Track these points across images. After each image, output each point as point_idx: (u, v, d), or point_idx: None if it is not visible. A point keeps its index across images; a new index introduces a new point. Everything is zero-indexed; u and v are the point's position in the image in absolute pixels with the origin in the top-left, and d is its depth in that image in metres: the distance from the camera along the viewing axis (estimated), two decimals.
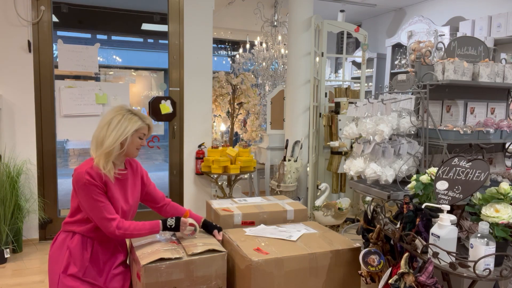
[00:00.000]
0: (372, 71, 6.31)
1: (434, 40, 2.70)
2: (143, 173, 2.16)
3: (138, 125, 1.92)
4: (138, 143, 1.97)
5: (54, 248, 1.94)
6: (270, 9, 5.49)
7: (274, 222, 2.47)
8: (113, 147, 1.86)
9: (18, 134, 3.53)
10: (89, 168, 1.85)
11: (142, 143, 2.00)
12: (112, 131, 1.87)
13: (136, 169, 2.12)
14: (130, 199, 2.03)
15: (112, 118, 1.91)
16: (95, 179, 1.83)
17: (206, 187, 4.18)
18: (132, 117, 1.93)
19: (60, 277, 1.85)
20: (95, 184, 1.83)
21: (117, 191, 1.94)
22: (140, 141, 1.97)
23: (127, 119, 1.91)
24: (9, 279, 2.97)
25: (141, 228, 1.93)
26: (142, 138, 1.99)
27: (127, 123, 1.90)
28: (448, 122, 2.52)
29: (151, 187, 2.18)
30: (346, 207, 3.65)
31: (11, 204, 3.25)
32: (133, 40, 7.12)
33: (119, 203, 1.94)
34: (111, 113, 1.94)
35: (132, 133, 1.91)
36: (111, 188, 1.89)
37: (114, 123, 1.89)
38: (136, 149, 1.98)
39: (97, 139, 1.89)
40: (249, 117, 5.00)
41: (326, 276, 2.04)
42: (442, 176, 1.86)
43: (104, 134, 1.88)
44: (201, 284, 1.91)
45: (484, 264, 1.46)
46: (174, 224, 2.01)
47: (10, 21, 3.45)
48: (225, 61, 7.99)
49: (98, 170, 1.85)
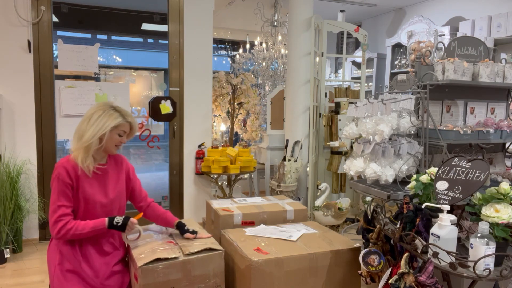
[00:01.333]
0: (372, 71, 6.31)
1: (434, 40, 2.70)
2: (129, 168, 2.14)
3: (118, 121, 1.91)
4: (118, 140, 1.95)
5: (49, 251, 1.95)
6: (270, 9, 5.49)
7: (274, 222, 2.47)
8: (91, 141, 1.86)
9: (18, 134, 3.53)
10: (66, 162, 1.86)
11: (122, 141, 1.97)
12: (92, 125, 1.87)
13: (121, 163, 2.10)
14: (111, 193, 1.99)
15: (94, 112, 1.91)
16: (68, 175, 1.84)
17: (206, 187, 4.18)
18: (113, 113, 1.92)
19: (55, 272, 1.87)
20: (63, 179, 1.83)
21: (94, 186, 1.93)
22: (119, 138, 1.95)
23: (108, 115, 1.90)
24: (9, 279, 2.97)
25: (83, 228, 1.85)
26: (122, 136, 1.97)
27: (106, 118, 1.89)
28: (448, 122, 2.52)
29: (136, 184, 2.15)
30: (346, 207, 3.65)
31: (11, 204, 3.25)
32: (133, 40, 7.11)
33: (96, 197, 1.92)
34: (94, 108, 1.94)
35: (111, 129, 1.90)
36: (84, 183, 1.88)
37: (95, 117, 1.89)
38: (115, 145, 1.96)
39: (78, 132, 1.91)
40: (249, 117, 5.00)
41: (326, 276, 2.04)
42: (442, 176, 1.85)
43: (84, 127, 1.89)
44: (199, 283, 1.91)
45: (484, 264, 1.46)
46: (121, 222, 1.91)
47: (10, 21, 3.45)
48: (225, 61, 7.99)
49: (75, 164, 1.86)
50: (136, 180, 2.17)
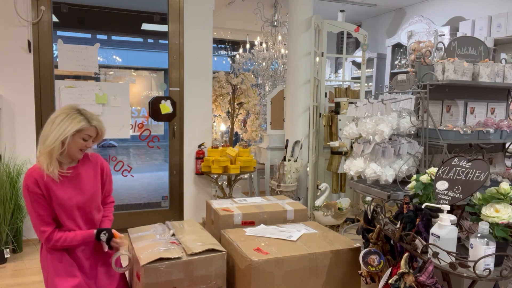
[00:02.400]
0: (372, 71, 6.31)
1: (434, 40, 2.70)
2: (104, 166, 2.08)
3: (80, 125, 1.83)
4: (82, 144, 1.87)
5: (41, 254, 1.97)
6: (270, 9, 5.49)
7: (274, 222, 2.47)
8: (53, 146, 1.79)
9: (18, 134, 3.53)
10: (32, 171, 1.82)
11: (88, 145, 1.90)
12: (54, 129, 1.81)
13: (96, 162, 2.04)
14: (87, 191, 1.95)
15: (57, 116, 1.85)
16: (38, 185, 1.80)
17: (206, 187, 4.18)
18: (76, 116, 1.85)
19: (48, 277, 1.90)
20: (34, 191, 1.80)
21: (66, 189, 1.88)
22: (84, 142, 1.88)
23: (71, 119, 1.83)
24: (9, 279, 2.97)
25: (72, 240, 1.87)
26: (87, 140, 1.89)
27: (69, 122, 1.82)
28: (448, 122, 2.52)
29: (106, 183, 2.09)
30: (346, 207, 3.65)
31: (11, 204, 3.25)
32: (133, 40, 7.12)
33: (71, 200, 1.88)
34: (59, 111, 1.88)
35: (73, 133, 1.82)
36: (55, 190, 1.84)
37: (58, 121, 1.83)
38: (79, 149, 1.89)
39: (42, 136, 1.85)
40: (249, 117, 5.00)
41: (326, 276, 2.04)
42: (442, 176, 1.86)
43: (48, 131, 1.83)
44: (200, 284, 1.91)
45: (484, 264, 1.46)
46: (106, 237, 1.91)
47: (10, 21, 3.45)
48: (225, 61, 7.99)
49: (41, 172, 1.81)
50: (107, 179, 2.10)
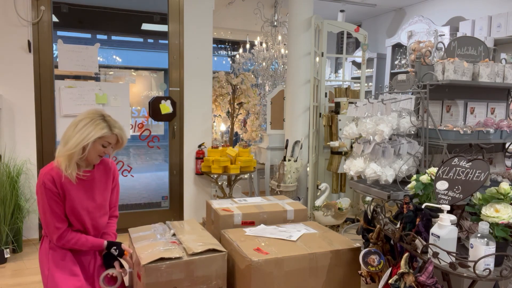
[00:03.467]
0: (372, 71, 6.31)
1: (434, 40, 2.70)
2: (115, 175, 2.11)
3: (103, 132, 1.84)
4: (101, 151, 1.89)
5: (40, 251, 1.97)
6: (270, 9, 5.49)
7: (274, 222, 2.47)
8: (74, 150, 1.80)
9: (18, 134, 3.53)
10: (50, 170, 1.83)
11: (106, 151, 1.92)
12: (76, 133, 1.82)
13: (109, 169, 2.06)
14: (98, 197, 1.98)
15: (81, 119, 1.85)
16: (54, 184, 1.81)
17: (206, 187, 4.18)
18: (100, 123, 1.85)
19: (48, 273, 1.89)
20: (50, 189, 1.81)
21: (79, 192, 1.90)
22: (103, 149, 1.89)
23: (94, 124, 1.84)
24: (9, 279, 2.97)
25: (83, 244, 1.90)
26: (107, 146, 1.90)
27: (92, 128, 1.83)
28: (448, 122, 2.52)
29: (114, 192, 2.11)
30: (346, 207, 3.65)
31: (11, 204, 3.25)
32: (133, 40, 7.10)
33: (83, 203, 1.90)
34: (83, 114, 1.89)
35: (95, 140, 1.83)
36: (70, 191, 1.86)
37: (81, 125, 1.84)
38: (98, 155, 1.91)
39: (64, 138, 1.86)
40: (249, 117, 5.00)
41: (326, 276, 2.04)
42: (442, 176, 1.86)
43: (70, 134, 1.84)
44: (201, 284, 1.91)
45: (484, 264, 1.46)
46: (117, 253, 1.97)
47: (10, 21, 3.45)
48: (225, 61, 7.98)
49: (59, 171, 1.82)
50: (115, 189, 2.12)
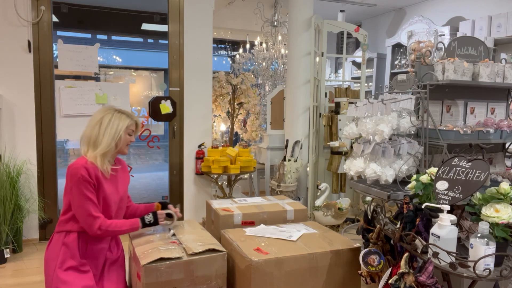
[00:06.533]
0: (372, 71, 6.31)
1: (434, 40, 2.69)
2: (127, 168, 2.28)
3: (127, 122, 2.00)
4: (128, 140, 2.04)
5: (49, 248, 1.96)
6: (270, 9, 5.49)
7: (274, 222, 2.47)
8: (109, 147, 1.93)
9: (18, 134, 3.53)
10: (85, 163, 1.90)
11: (132, 139, 2.07)
12: (105, 130, 1.93)
13: (124, 162, 2.23)
14: (121, 190, 2.09)
15: (103, 117, 1.96)
16: (90, 176, 1.88)
17: (206, 187, 4.18)
18: (120, 115, 2.00)
19: (56, 271, 1.87)
20: (88, 180, 1.87)
21: (109, 186, 1.99)
22: (129, 137, 2.04)
23: (117, 118, 1.98)
24: (9, 279, 2.97)
25: (122, 225, 2.00)
26: (131, 135, 2.06)
27: (118, 121, 1.97)
28: (448, 122, 2.52)
29: None
30: (346, 207, 3.64)
31: (11, 204, 3.25)
32: (133, 40, 7.11)
33: (112, 196, 1.99)
34: (100, 112, 2.00)
35: (124, 131, 1.98)
36: (103, 184, 1.94)
37: (105, 122, 1.95)
38: (126, 145, 2.05)
39: (89, 139, 1.95)
40: (249, 117, 5.00)
41: (326, 276, 2.04)
42: (442, 176, 1.86)
43: (97, 133, 1.94)
44: (201, 284, 1.91)
45: (484, 264, 1.46)
46: (152, 219, 2.10)
47: (10, 21, 3.45)
48: (225, 61, 7.99)
49: (93, 165, 1.91)
50: None
